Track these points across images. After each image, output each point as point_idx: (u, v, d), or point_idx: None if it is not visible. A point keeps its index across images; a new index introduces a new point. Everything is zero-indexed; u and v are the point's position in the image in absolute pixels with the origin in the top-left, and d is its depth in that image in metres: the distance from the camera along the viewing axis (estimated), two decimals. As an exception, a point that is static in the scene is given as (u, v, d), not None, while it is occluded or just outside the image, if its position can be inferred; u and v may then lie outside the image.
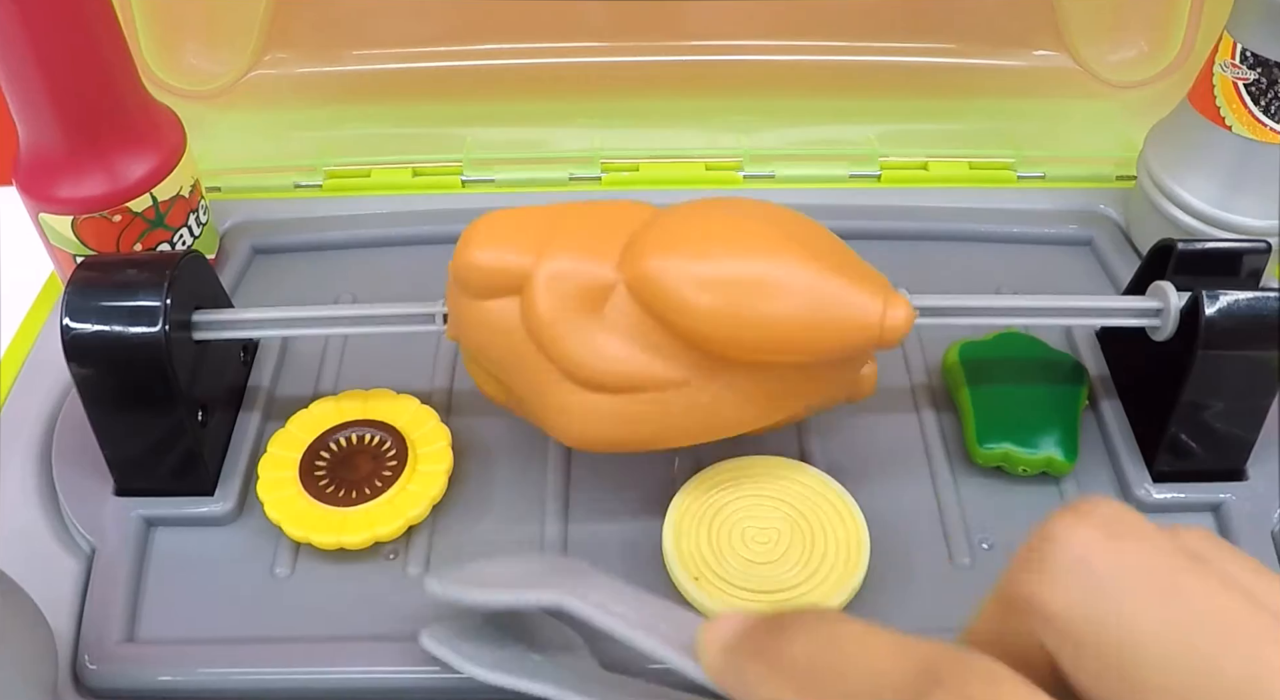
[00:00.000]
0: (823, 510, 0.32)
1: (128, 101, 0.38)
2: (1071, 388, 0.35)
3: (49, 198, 0.37)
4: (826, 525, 0.32)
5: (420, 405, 0.35)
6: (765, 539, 0.31)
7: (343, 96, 0.49)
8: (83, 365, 0.31)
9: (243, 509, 0.34)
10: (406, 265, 0.43)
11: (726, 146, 0.48)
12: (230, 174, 0.47)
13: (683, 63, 0.49)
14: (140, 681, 0.30)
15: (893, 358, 0.38)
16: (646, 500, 0.34)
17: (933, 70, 0.48)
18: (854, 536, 0.31)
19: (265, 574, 0.32)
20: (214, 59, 0.48)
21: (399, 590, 0.32)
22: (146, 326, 0.31)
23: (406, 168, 0.47)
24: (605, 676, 0.28)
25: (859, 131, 0.48)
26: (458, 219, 0.44)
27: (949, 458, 0.35)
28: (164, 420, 0.32)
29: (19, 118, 0.37)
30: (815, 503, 0.32)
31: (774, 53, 0.49)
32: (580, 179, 0.47)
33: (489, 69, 0.49)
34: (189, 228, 0.40)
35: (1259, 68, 0.36)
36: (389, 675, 0.30)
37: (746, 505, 0.32)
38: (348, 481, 0.33)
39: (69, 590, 0.32)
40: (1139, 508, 0.33)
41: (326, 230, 0.44)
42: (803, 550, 0.31)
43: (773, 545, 0.31)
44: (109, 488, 0.34)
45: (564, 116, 0.49)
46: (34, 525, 0.34)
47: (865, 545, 0.31)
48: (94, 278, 0.32)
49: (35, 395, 0.37)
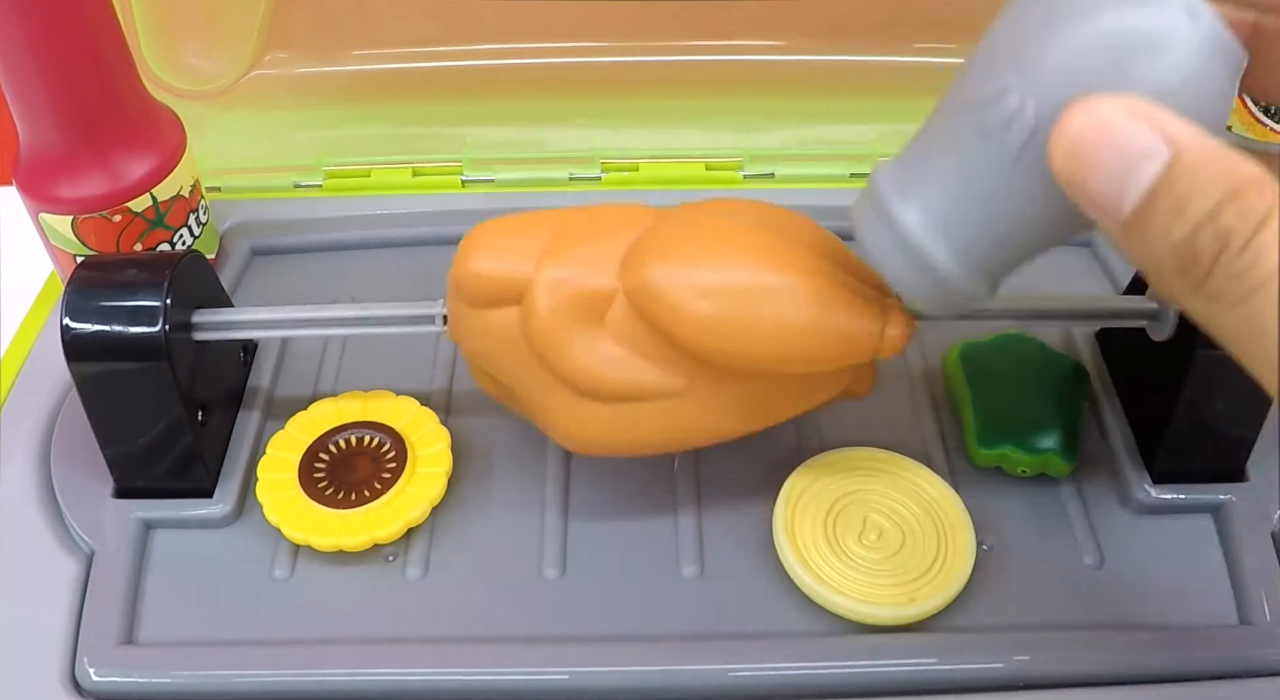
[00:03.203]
0: (942, 510, 0.33)
1: (128, 101, 0.38)
2: (1071, 388, 0.35)
3: (49, 198, 0.37)
4: (941, 525, 0.32)
5: (420, 407, 0.35)
6: (880, 532, 0.32)
7: (343, 96, 0.49)
8: (83, 365, 0.31)
9: (242, 511, 0.34)
10: (406, 265, 0.43)
11: (726, 146, 0.48)
12: (230, 174, 0.47)
13: (683, 63, 0.49)
14: (139, 684, 0.30)
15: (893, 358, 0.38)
16: (647, 501, 0.34)
17: (933, 70, 0.48)
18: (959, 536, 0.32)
19: (264, 576, 0.32)
20: (214, 59, 0.48)
21: (398, 592, 0.32)
22: (146, 326, 0.31)
23: (406, 168, 0.47)
24: None
25: (859, 131, 0.48)
26: (458, 219, 0.44)
27: (948, 458, 0.35)
28: (164, 420, 0.32)
29: (19, 118, 0.37)
30: (934, 504, 0.33)
31: (774, 53, 0.49)
32: (580, 179, 0.47)
33: (489, 69, 0.49)
34: (189, 228, 0.40)
35: (1260, 68, 0.36)
36: (389, 677, 0.30)
37: (866, 496, 0.33)
38: (347, 483, 0.33)
39: (68, 592, 0.32)
40: (1138, 508, 0.33)
41: (326, 231, 0.44)
42: (920, 547, 0.32)
43: (888, 539, 0.32)
44: (108, 489, 0.34)
45: (564, 116, 0.49)
46: (33, 526, 0.33)
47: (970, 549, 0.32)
48: (94, 278, 0.32)
49: (35, 395, 0.37)
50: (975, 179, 0.23)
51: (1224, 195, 0.18)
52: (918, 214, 0.25)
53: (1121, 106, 0.19)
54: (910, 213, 0.25)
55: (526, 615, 0.31)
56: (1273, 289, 0.17)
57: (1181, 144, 0.18)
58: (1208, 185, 0.18)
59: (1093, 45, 0.21)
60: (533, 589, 0.32)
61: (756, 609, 0.31)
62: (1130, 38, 0.21)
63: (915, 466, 0.34)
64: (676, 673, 0.29)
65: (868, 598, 0.30)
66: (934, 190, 0.24)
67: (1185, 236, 0.18)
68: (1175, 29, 0.21)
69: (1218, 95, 0.21)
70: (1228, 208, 0.18)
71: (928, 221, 0.24)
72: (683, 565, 0.32)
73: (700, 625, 0.31)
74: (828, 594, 0.30)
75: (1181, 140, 0.18)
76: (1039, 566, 0.32)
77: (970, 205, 0.24)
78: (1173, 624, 0.31)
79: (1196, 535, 0.33)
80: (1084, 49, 0.21)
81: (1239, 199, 0.18)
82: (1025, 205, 0.23)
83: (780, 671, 0.30)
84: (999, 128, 0.22)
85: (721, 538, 0.33)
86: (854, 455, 0.34)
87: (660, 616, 0.31)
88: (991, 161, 0.23)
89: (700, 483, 0.34)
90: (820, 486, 0.33)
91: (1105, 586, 0.32)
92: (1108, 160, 0.19)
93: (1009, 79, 0.22)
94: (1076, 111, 0.19)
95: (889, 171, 0.26)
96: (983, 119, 0.23)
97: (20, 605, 0.32)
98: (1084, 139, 0.19)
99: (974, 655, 0.30)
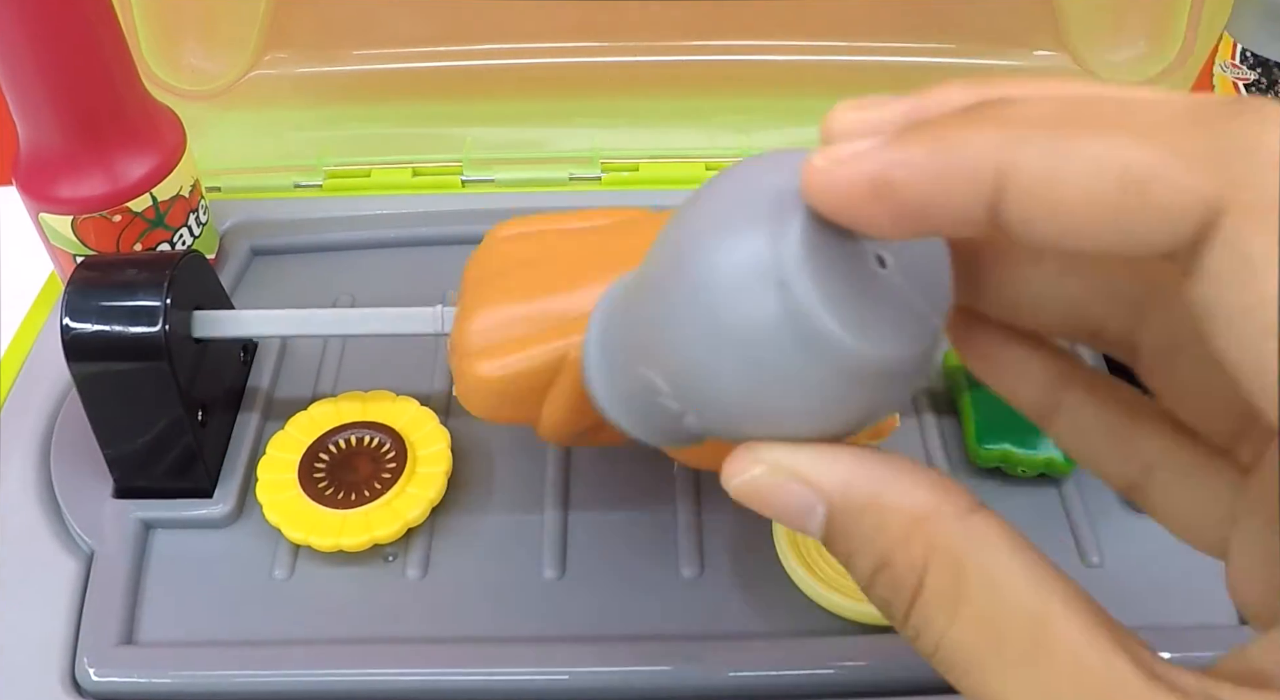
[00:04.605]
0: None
1: (128, 101, 0.38)
2: (1071, 389, 0.35)
3: (49, 198, 0.37)
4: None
5: (419, 407, 0.35)
6: None
7: (343, 96, 0.49)
8: (83, 365, 0.31)
9: (241, 511, 0.34)
10: (406, 265, 0.43)
11: (726, 146, 0.48)
12: (230, 174, 0.47)
13: (683, 63, 0.49)
14: (139, 684, 0.30)
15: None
16: (647, 501, 0.34)
17: (933, 70, 0.48)
18: None
19: (264, 576, 0.32)
20: (214, 59, 0.48)
21: (398, 592, 0.32)
22: (146, 326, 0.31)
23: (406, 168, 0.47)
24: None
25: (859, 131, 0.48)
26: (458, 219, 0.44)
27: (949, 458, 0.35)
28: (163, 420, 0.32)
29: (19, 118, 0.37)
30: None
31: (774, 53, 0.49)
32: (580, 179, 0.47)
33: (489, 69, 0.49)
34: (189, 228, 0.40)
35: (1259, 68, 0.36)
36: (389, 677, 0.30)
37: None
38: (347, 483, 0.33)
39: (68, 592, 0.32)
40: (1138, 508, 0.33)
41: (326, 231, 0.44)
42: None
43: None
44: (108, 489, 0.34)
45: (564, 116, 0.49)
46: (33, 526, 0.33)
47: None
48: (94, 278, 0.32)
49: (35, 395, 0.37)
50: (644, 414, 0.21)
51: (874, 566, 0.17)
52: (596, 368, 0.22)
53: (765, 466, 0.18)
54: (594, 352, 0.22)
55: (526, 615, 0.31)
56: (946, 654, 0.17)
57: (829, 497, 0.18)
58: (861, 549, 0.17)
59: (718, 360, 0.17)
60: (532, 589, 0.32)
61: (756, 609, 0.31)
62: (750, 352, 0.17)
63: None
64: (676, 673, 0.29)
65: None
66: (613, 374, 0.21)
67: (864, 590, 0.18)
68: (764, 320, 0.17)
69: (840, 389, 0.17)
70: (880, 580, 0.17)
71: (604, 382, 0.22)
72: (683, 565, 0.32)
73: (700, 625, 0.31)
74: (828, 594, 0.30)
75: (829, 492, 0.17)
76: (1039, 567, 0.32)
77: (640, 416, 0.21)
78: (1173, 624, 0.31)
79: (1196, 535, 0.33)
80: (711, 364, 0.17)
81: (887, 570, 0.17)
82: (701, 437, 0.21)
83: (780, 671, 0.30)
84: (668, 418, 0.20)
85: (721, 538, 0.33)
86: None
87: (660, 616, 0.31)
88: (662, 423, 0.20)
89: (700, 483, 0.34)
90: None
91: (1105, 586, 0.32)
92: (776, 513, 0.18)
93: (660, 380, 0.19)
94: (731, 470, 0.18)
95: (618, 286, 0.22)
96: (650, 396, 0.20)
97: (20, 605, 0.32)
98: (748, 497, 0.18)
99: (974, 655, 0.30)
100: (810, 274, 0.16)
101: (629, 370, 0.20)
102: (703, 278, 0.17)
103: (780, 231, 0.17)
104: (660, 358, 0.19)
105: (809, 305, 0.16)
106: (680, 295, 0.18)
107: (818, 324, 0.16)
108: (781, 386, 0.17)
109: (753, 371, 0.17)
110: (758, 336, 0.17)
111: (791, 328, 0.16)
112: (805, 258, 0.16)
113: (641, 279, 0.20)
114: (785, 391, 0.17)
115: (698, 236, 0.17)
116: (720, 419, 0.18)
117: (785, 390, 0.17)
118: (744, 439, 0.18)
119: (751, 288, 0.17)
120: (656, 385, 0.19)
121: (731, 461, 0.18)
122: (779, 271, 0.16)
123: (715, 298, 0.17)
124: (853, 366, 0.17)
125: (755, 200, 0.17)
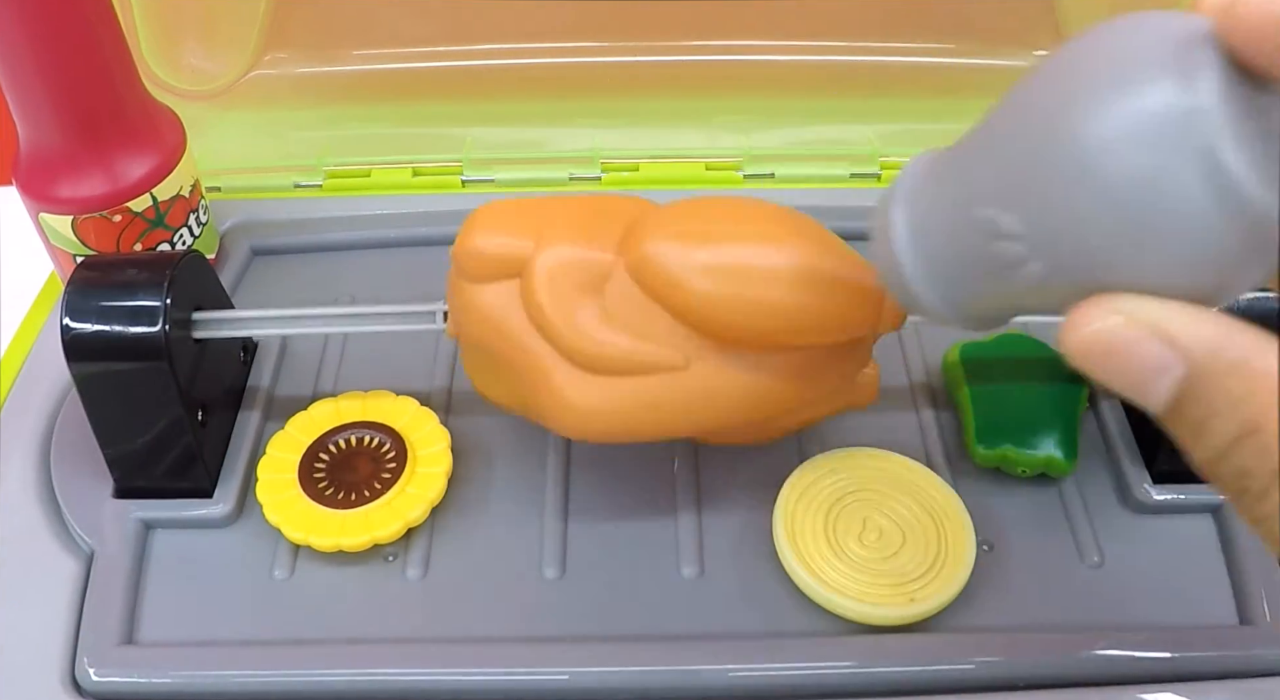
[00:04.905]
0: (940, 508, 0.32)
1: (128, 101, 0.38)
2: (1071, 388, 0.35)
3: (49, 198, 0.37)
4: (941, 523, 0.32)
5: (420, 407, 0.35)
6: (880, 532, 0.32)
7: (343, 96, 0.49)
8: (83, 365, 0.31)
9: (242, 511, 0.34)
10: (406, 265, 0.43)
11: (726, 146, 0.48)
12: (230, 174, 0.47)
13: (683, 63, 0.49)
14: (139, 684, 0.30)
15: (893, 358, 0.38)
16: (647, 501, 0.34)
17: (933, 70, 0.48)
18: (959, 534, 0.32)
19: (264, 576, 0.32)
20: (214, 59, 0.48)
21: (398, 592, 0.32)
22: (146, 326, 0.31)
23: (406, 168, 0.47)
24: None
25: (859, 131, 0.48)
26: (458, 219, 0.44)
27: (948, 458, 0.35)
28: (163, 420, 0.32)
29: (19, 118, 0.37)
30: (935, 505, 0.33)
31: (774, 53, 0.49)
32: (580, 179, 0.47)
33: (489, 69, 0.49)
34: (189, 228, 0.40)
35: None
36: (389, 677, 0.30)
37: (866, 496, 0.33)
38: (347, 483, 0.33)
39: (68, 592, 0.32)
40: (1138, 508, 0.33)
41: (326, 231, 0.44)
42: (921, 547, 0.31)
43: (888, 539, 0.32)
44: (108, 489, 0.34)
45: (564, 116, 0.49)
46: (33, 526, 0.33)
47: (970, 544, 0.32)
48: (94, 278, 0.32)
49: (35, 395, 0.37)
50: (967, 264, 0.21)
51: (1240, 430, 0.16)
52: (905, 227, 0.22)
53: (1124, 317, 0.17)
54: (901, 215, 0.22)
55: (526, 615, 0.31)
56: None
57: (1193, 357, 0.17)
58: (1223, 413, 0.17)
59: (1103, 208, 0.17)
60: (532, 589, 0.32)
61: (756, 609, 0.31)
62: (1146, 204, 0.17)
63: (915, 466, 0.34)
64: (676, 673, 0.29)
65: (868, 598, 0.30)
66: (933, 227, 0.21)
67: (1209, 461, 0.17)
68: (1192, 198, 0.17)
69: (1241, 255, 0.17)
70: (1245, 446, 0.16)
71: (912, 240, 0.22)
72: (682, 565, 0.32)
73: (700, 625, 0.31)
74: (828, 594, 0.30)
75: (1193, 352, 0.17)
76: (1039, 566, 0.32)
77: (957, 271, 0.21)
78: (1173, 624, 0.31)
79: (1196, 535, 0.33)
80: (1092, 212, 0.17)
81: (1256, 436, 0.16)
82: (1017, 302, 0.21)
83: (780, 671, 0.30)
84: (1003, 265, 0.20)
85: (721, 538, 0.33)
86: (854, 455, 0.34)
87: (660, 616, 0.31)
88: (991, 271, 0.20)
89: (700, 483, 0.34)
90: (820, 486, 0.33)
91: (1105, 586, 0.32)
92: (1121, 371, 0.17)
93: (1011, 221, 0.19)
94: (1080, 320, 0.18)
95: (924, 161, 0.23)
96: (985, 241, 0.20)
97: (20, 605, 0.32)
98: (1093, 350, 0.18)
99: (974, 655, 0.30)
100: (1228, 121, 0.16)
101: (964, 212, 0.20)
102: (1094, 126, 0.17)
103: (1191, 78, 0.16)
104: (1018, 200, 0.18)
105: (1226, 156, 0.16)
106: (1059, 141, 0.17)
107: (1234, 176, 0.16)
108: (1171, 239, 0.17)
109: (1143, 219, 0.17)
110: (1157, 185, 0.16)
111: (1201, 177, 0.16)
112: (1221, 105, 0.16)
113: (992, 127, 0.20)
114: (1172, 244, 0.17)
115: (1089, 82, 0.17)
116: (1081, 267, 0.18)
117: (1172, 243, 0.17)
118: (1095, 290, 0.18)
119: (1157, 136, 0.16)
120: (1001, 227, 0.19)
121: (1082, 310, 0.18)
122: (1192, 119, 0.16)
123: (1109, 145, 0.17)
124: (1255, 224, 0.16)
125: (1151, 46, 0.17)
